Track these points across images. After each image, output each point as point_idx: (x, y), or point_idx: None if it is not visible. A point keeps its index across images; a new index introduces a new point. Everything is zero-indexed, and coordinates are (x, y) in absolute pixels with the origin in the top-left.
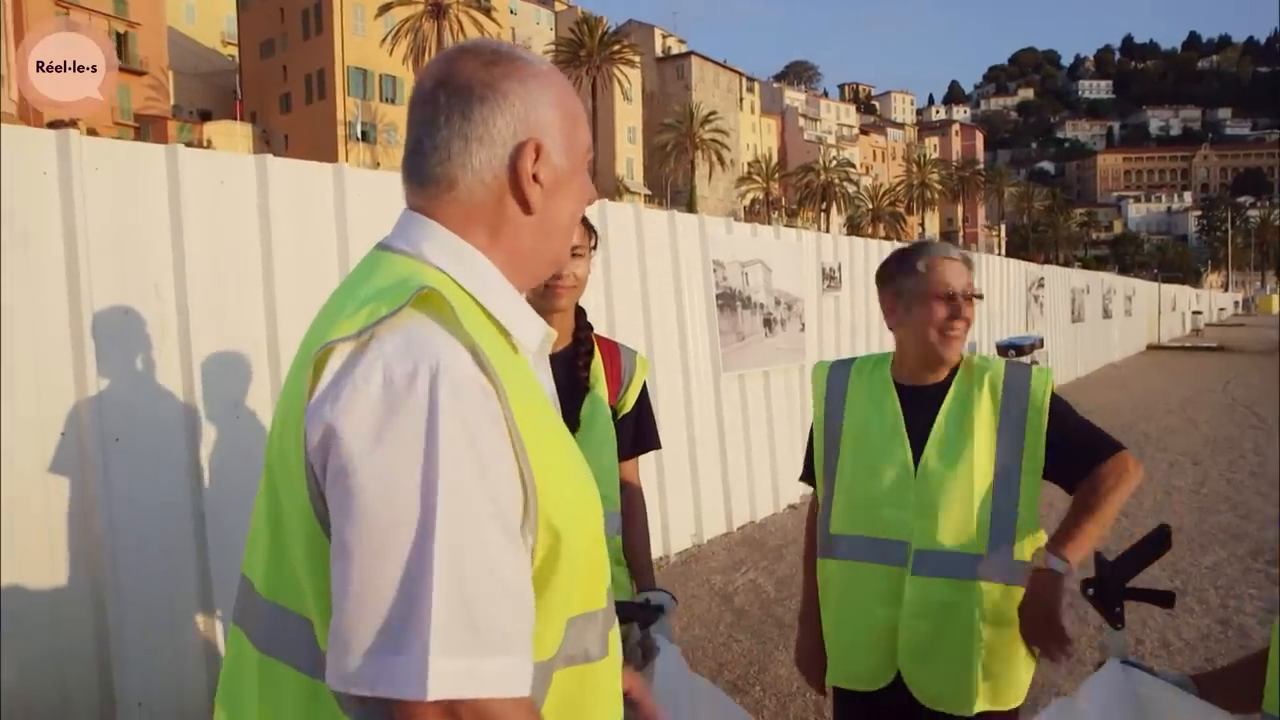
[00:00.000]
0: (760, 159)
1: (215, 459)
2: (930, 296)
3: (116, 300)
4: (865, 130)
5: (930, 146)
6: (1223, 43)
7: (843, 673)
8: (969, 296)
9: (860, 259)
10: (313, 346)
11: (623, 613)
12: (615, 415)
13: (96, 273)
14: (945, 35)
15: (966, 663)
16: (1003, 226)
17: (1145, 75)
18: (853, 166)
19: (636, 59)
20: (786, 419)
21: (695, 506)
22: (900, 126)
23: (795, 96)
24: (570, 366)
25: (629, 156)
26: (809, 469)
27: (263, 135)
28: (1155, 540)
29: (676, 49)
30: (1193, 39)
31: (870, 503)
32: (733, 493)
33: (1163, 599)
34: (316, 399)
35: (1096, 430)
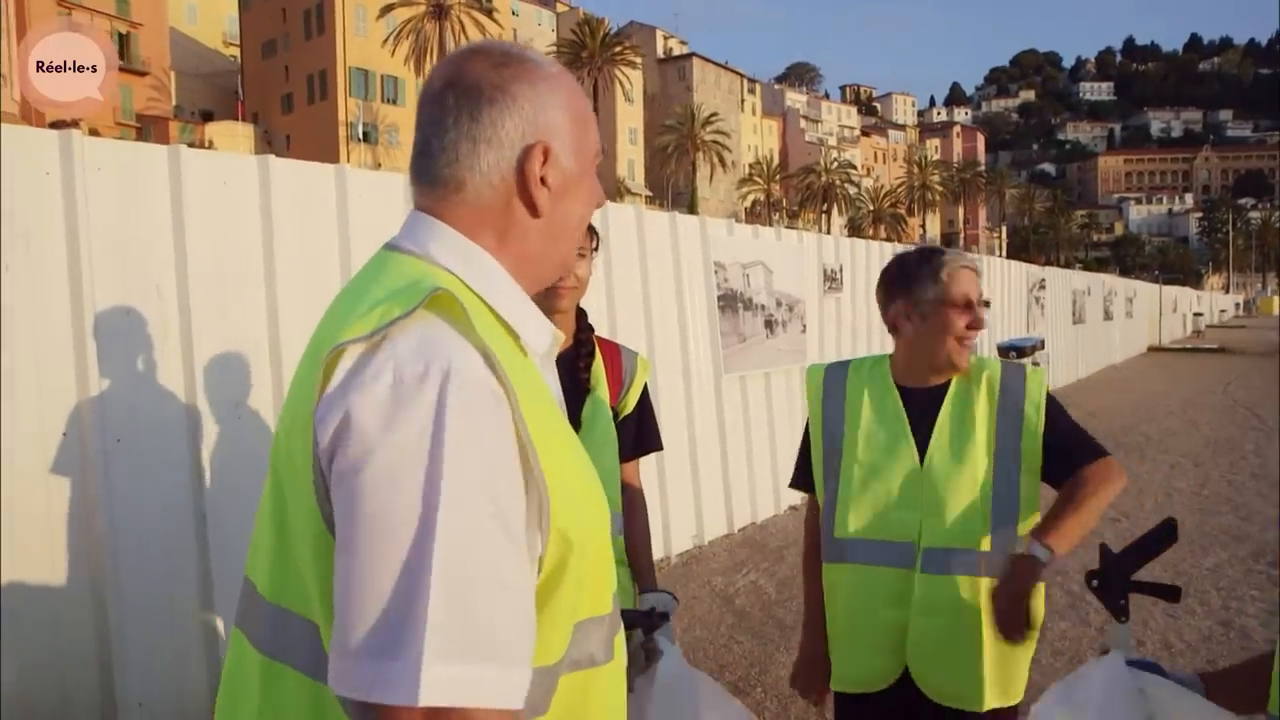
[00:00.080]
0: (761, 160)
1: (217, 460)
2: (950, 306)
3: (118, 300)
4: (866, 132)
5: (931, 148)
6: (1224, 44)
7: (849, 677)
8: (982, 304)
9: (861, 260)
10: (323, 347)
11: (627, 619)
12: (616, 417)
13: (98, 273)
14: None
15: (976, 658)
16: (1004, 228)
17: (1146, 77)
18: (854, 168)
19: (638, 60)
20: (788, 420)
21: (696, 508)
22: (901, 128)
23: (796, 98)
24: (571, 368)
25: (630, 158)
26: (804, 475)
27: (264, 136)
28: (1161, 534)
29: (678, 50)
30: (1194, 41)
31: (879, 505)
32: (734, 494)
33: (1168, 593)
34: (326, 399)
35: (1085, 434)
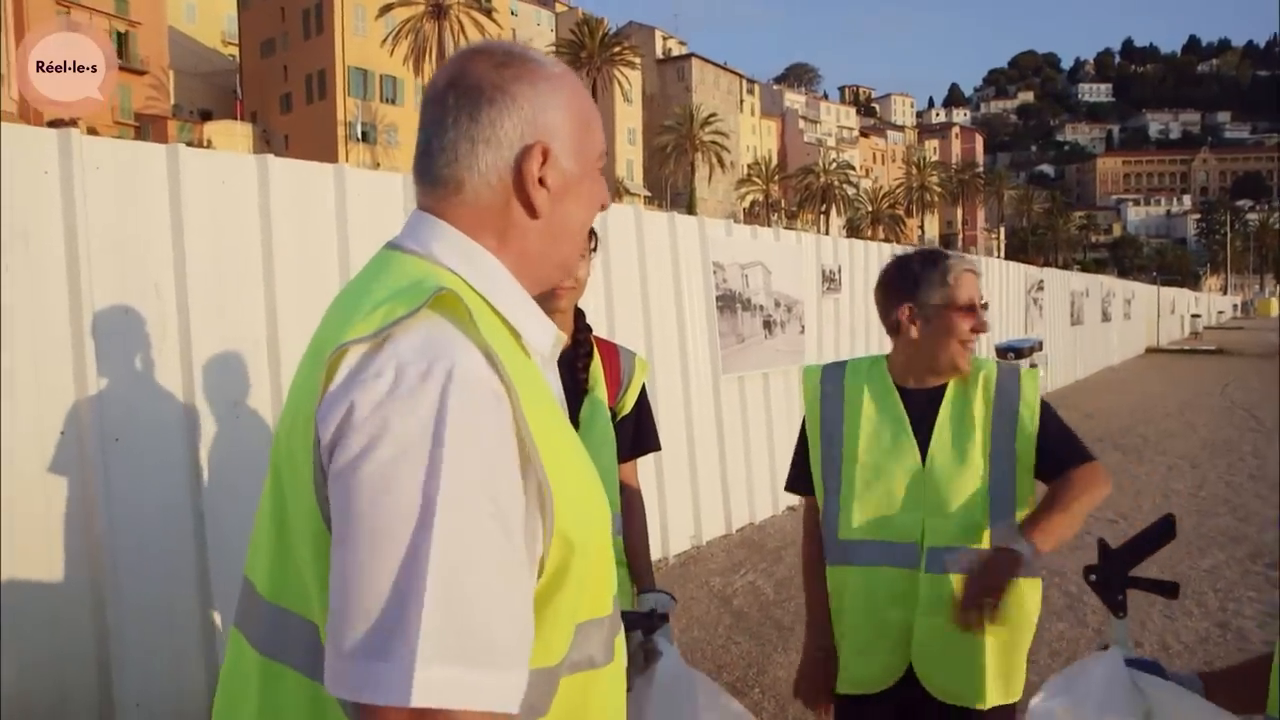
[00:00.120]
0: (760, 161)
1: (215, 459)
2: (955, 309)
3: (117, 300)
4: (865, 133)
5: (930, 149)
6: (1222, 46)
7: (856, 679)
8: (981, 306)
9: (860, 261)
10: (326, 347)
11: (626, 620)
12: (614, 417)
13: (97, 272)
14: (945, 38)
15: (979, 656)
16: (1002, 229)
17: (1145, 79)
18: (852, 169)
19: (637, 60)
20: (786, 421)
21: (694, 508)
22: (900, 129)
23: (795, 99)
24: (569, 368)
25: (629, 158)
26: (801, 478)
27: (263, 135)
28: (1160, 530)
29: (677, 51)
30: (1192, 43)
31: (882, 506)
32: (732, 494)
33: (1166, 589)
34: (328, 397)
35: (1075, 438)
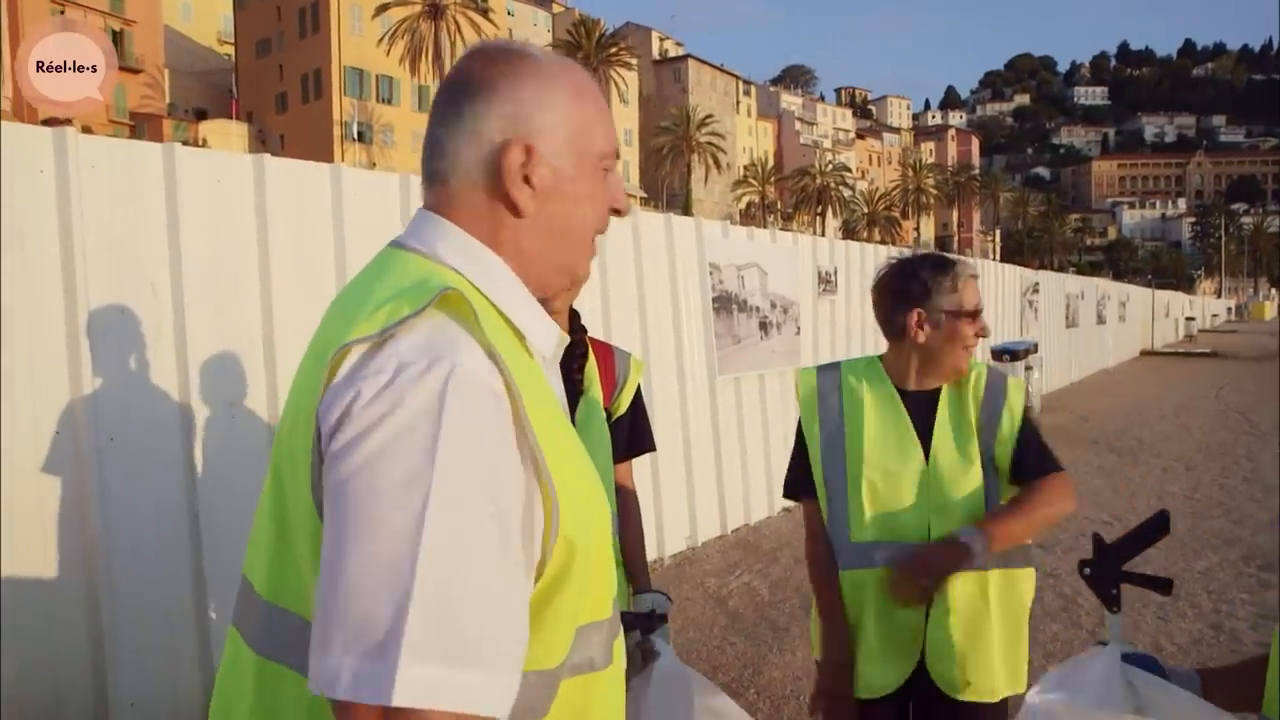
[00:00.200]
0: (756, 162)
1: (211, 459)
2: (961, 315)
3: (112, 299)
4: (861, 135)
5: (926, 151)
6: (1218, 50)
7: (870, 684)
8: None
9: (856, 263)
10: (328, 346)
11: (625, 621)
12: (610, 418)
13: (92, 271)
14: (942, 41)
15: (989, 651)
16: (998, 232)
17: (1141, 82)
18: (849, 171)
19: (633, 61)
20: (782, 422)
21: (690, 509)
22: (896, 131)
23: (792, 100)
24: (564, 369)
25: (625, 159)
26: (801, 482)
27: (258, 134)
28: (1154, 525)
29: (674, 52)
30: (1188, 46)
31: (891, 507)
32: (727, 495)
33: (1160, 585)
34: (329, 394)
35: (1047, 449)
